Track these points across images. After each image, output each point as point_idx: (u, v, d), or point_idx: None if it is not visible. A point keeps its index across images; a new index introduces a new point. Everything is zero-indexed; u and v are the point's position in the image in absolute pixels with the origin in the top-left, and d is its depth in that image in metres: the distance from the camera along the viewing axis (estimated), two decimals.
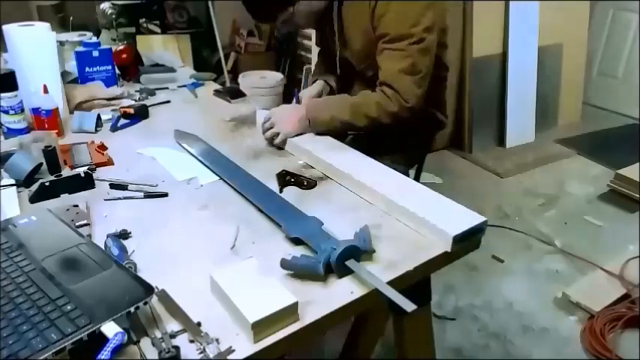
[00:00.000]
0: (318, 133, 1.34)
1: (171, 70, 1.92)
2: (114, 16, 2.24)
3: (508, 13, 3.09)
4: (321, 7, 1.37)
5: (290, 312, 0.71)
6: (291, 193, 1.08)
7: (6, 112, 1.29)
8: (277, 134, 1.31)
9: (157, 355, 0.65)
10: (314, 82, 1.62)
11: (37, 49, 1.39)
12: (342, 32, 1.43)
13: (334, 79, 1.60)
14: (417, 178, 1.79)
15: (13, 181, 1.07)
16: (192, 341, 0.68)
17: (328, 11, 1.39)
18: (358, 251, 0.83)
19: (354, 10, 1.35)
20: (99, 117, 1.43)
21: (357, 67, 1.48)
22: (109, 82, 1.70)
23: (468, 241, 0.92)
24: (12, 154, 1.10)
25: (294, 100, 1.51)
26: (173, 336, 0.69)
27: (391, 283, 0.80)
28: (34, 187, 1.03)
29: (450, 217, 0.93)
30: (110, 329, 0.64)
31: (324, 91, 1.59)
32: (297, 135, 1.32)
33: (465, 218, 0.94)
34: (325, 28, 1.48)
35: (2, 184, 1.07)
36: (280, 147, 1.32)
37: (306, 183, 1.12)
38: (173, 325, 0.71)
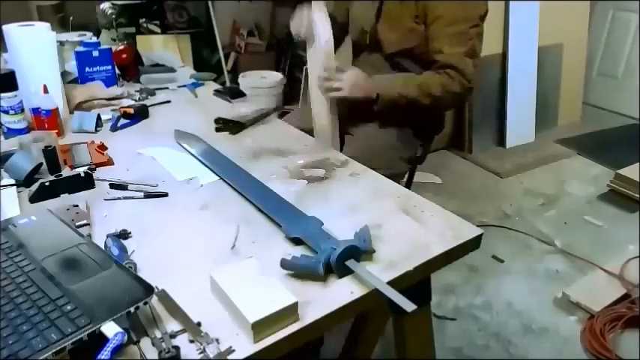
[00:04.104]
0: (379, 109, 1.41)
1: (171, 70, 1.91)
2: (114, 16, 2.24)
3: (508, 13, 3.08)
4: None
5: (290, 312, 0.71)
6: (291, 193, 1.08)
7: (6, 112, 1.29)
8: (339, 90, 1.36)
9: (157, 355, 0.65)
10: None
11: (37, 49, 1.38)
12: (382, 5, 1.45)
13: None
14: (410, 181, 1.79)
15: (13, 181, 1.07)
16: (192, 341, 0.68)
17: None
18: (358, 251, 0.83)
19: None
20: (99, 117, 1.43)
21: (386, 49, 1.48)
22: (109, 82, 1.70)
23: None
24: (12, 154, 1.10)
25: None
26: (173, 336, 0.69)
27: (391, 283, 0.80)
28: (34, 187, 1.03)
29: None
30: (110, 329, 0.64)
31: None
32: (353, 100, 1.41)
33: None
34: None
35: (2, 184, 1.07)
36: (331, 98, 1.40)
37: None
38: (173, 325, 0.71)
